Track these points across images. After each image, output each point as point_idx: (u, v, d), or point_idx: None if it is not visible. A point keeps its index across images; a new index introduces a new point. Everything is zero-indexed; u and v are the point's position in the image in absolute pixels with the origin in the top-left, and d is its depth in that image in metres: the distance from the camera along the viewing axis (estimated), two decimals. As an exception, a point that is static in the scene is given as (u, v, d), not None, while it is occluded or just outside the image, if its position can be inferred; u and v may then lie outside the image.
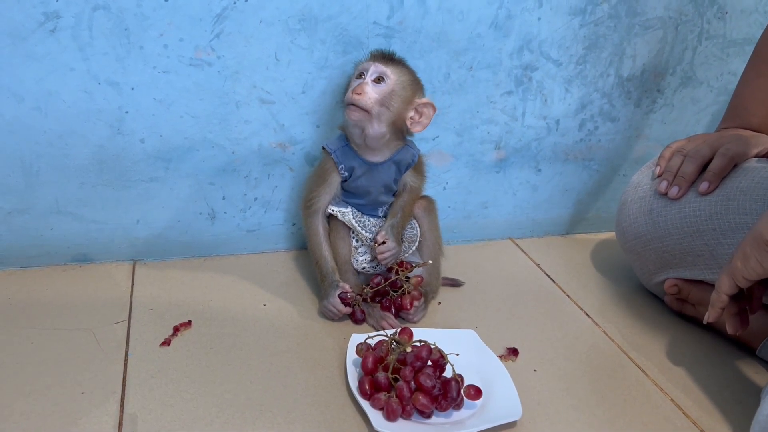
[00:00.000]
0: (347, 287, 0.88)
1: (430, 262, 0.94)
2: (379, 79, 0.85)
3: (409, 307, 0.89)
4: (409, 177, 0.92)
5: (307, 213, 0.91)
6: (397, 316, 0.91)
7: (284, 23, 0.92)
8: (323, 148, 0.91)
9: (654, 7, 1.08)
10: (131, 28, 0.87)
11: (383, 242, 0.88)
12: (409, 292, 0.89)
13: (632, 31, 1.09)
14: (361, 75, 0.86)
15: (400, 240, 0.92)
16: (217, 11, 0.89)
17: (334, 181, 0.90)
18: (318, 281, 0.92)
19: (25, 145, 0.90)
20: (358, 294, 0.90)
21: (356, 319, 0.90)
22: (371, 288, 0.90)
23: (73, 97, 0.89)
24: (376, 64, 0.85)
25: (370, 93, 0.84)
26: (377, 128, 0.86)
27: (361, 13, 0.95)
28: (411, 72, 0.88)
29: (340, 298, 0.88)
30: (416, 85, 0.88)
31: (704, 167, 0.90)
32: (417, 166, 0.93)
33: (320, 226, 0.91)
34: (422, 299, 0.91)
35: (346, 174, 0.89)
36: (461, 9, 0.99)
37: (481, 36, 1.02)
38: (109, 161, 0.94)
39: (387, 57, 0.87)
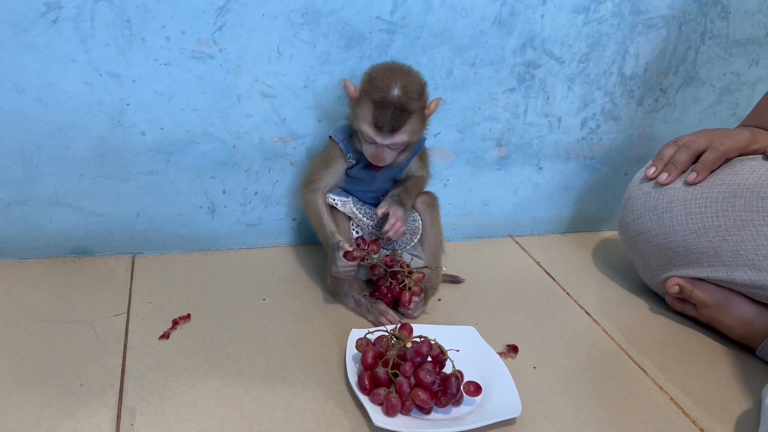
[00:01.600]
0: (347, 246, 0.86)
1: (444, 269, 0.94)
2: (391, 146, 0.84)
3: (407, 303, 0.89)
4: (413, 167, 0.93)
5: (307, 190, 0.90)
6: (394, 307, 0.90)
7: (287, 17, 0.92)
8: (330, 137, 0.91)
9: (657, 5, 1.08)
10: (133, 20, 0.87)
11: (387, 213, 0.86)
12: (409, 288, 0.89)
13: (635, 29, 1.09)
14: (372, 141, 0.83)
15: (405, 206, 0.89)
16: (219, 4, 0.89)
17: (340, 167, 0.90)
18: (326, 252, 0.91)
19: (25, 136, 0.90)
20: (364, 250, 0.88)
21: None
22: (381, 258, 0.89)
23: (74, 88, 0.89)
24: (384, 138, 0.82)
25: (389, 155, 0.84)
26: (402, 159, 0.87)
27: (364, 7, 0.94)
28: (418, 107, 0.83)
29: (345, 257, 0.86)
30: (423, 108, 0.85)
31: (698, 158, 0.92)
32: (422, 155, 0.93)
33: (320, 200, 0.90)
34: (422, 295, 0.91)
35: (353, 162, 0.89)
36: (465, 5, 0.98)
37: (484, 33, 1.01)
38: (109, 153, 0.94)
39: (395, 126, 0.81)
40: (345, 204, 0.91)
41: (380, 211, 0.87)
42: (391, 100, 0.80)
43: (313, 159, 0.95)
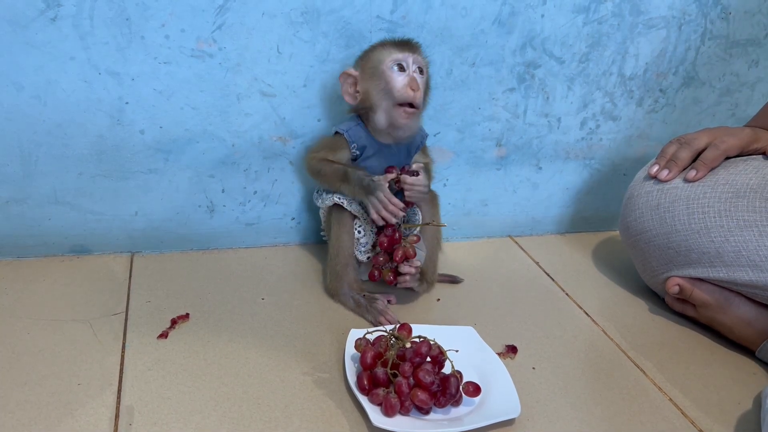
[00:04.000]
0: (387, 175, 0.85)
1: (445, 224, 0.93)
2: (420, 70, 0.85)
3: (398, 260, 0.88)
4: (419, 157, 0.94)
5: (311, 158, 0.91)
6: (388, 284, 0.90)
7: (286, 16, 0.92)
8: (335, 132, 0.90)
9: (657, 6, 1.08)
10: (132, 18, 0.87)
11: (416, 172, 0.86)
12: (404, 247, 0.88)
13: (635, 29, 1.09)
14: (401, 67, 0.84)
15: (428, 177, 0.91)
16: (219, 2, 0.89)
17: (344, 156, 0.90)
18: (355, 193, 0.87)
19: (23, 133, 0.89)
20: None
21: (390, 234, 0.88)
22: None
23: (73, 86, 0.88)
24: (414, 55, 0.85)
25: (421, 82, 0.84)
26: (417, 121, 0.88)
27: (364, 6, 0.94)
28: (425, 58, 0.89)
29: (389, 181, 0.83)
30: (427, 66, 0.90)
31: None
32: (424, 148, 0.95)
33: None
34: (417, 263, 0.90)
35: (357, 153, 0.89)
36: (465, 5, 0.98)
37: (484, 32, 1.01)
38: (108, 152, 0.94)
39: (415, 44, 0.86)
40: (351, 203, 0.91)
41: (414, 166, 0.88)
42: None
43: (318, 141, 0.95)
